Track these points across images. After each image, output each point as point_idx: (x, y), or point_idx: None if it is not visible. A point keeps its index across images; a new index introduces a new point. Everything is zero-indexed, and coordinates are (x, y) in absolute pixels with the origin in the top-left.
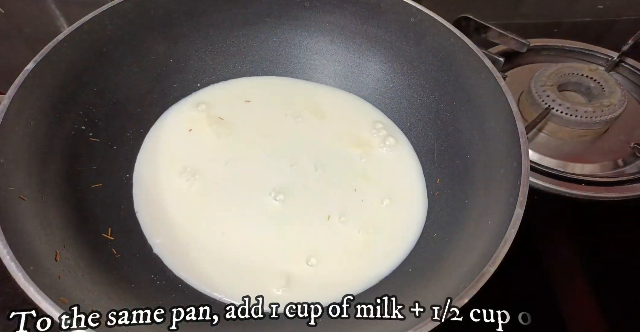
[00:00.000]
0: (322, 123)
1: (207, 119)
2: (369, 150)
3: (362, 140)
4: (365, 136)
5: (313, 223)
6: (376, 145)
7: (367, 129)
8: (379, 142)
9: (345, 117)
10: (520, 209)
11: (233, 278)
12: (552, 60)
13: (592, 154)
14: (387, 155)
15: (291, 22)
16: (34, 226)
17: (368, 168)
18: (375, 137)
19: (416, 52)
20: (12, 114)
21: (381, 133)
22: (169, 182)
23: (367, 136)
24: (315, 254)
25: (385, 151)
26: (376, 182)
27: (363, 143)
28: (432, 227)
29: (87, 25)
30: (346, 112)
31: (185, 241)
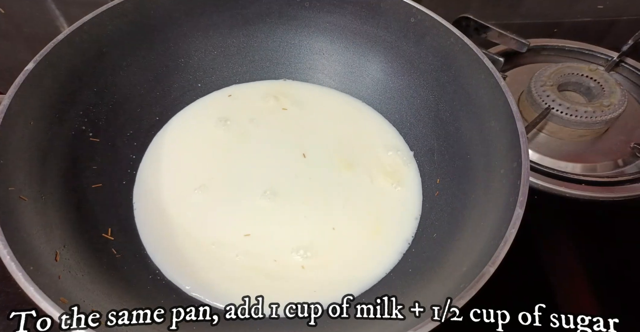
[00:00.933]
0: (319, 122)
1: (211, 125)
2: (367, 150)
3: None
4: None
5: (310, 222)
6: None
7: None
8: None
9: (345, 119)
10: (520, 209)
11: (229, 282)
12: (552, 60)
13: (592, 154)
14: (384, 154)
15: (291, 22)
16: (34, 226)
17: (365, 166)
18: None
19: (416, 52)
20: (12, 114)
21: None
22: (172, 190)
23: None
24: (313, 253)
25: (382, 152)
26: (373, 179)
27: (361, 142)
28: (432, 227)
29: (87, 25)
30: (346, 116)
31: (182, 246)
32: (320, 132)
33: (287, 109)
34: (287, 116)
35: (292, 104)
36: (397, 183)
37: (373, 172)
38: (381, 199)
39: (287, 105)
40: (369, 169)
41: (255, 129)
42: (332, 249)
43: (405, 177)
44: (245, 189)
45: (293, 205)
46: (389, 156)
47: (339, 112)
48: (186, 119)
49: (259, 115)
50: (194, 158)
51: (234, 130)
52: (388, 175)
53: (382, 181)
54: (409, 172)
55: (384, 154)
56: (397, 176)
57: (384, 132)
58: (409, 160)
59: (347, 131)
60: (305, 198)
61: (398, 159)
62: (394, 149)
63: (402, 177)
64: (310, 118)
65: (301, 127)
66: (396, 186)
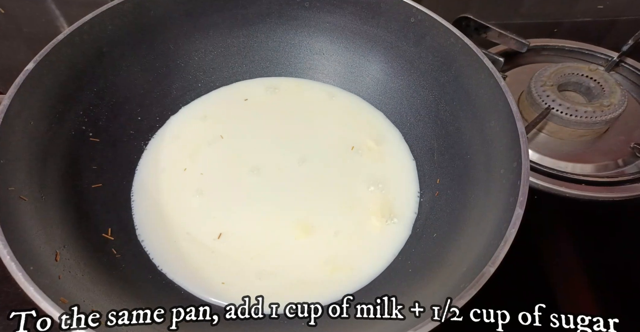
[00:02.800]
0: (321, 124)
1: (211, 125)
2: (364, 150)
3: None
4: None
5: (310, 221)
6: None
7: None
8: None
9: (345, 117)
10: (520, 209)
11: (229, 282)
12: (552, 60)
13: (592, 154)
14: (380, 153)
15: (291, 22)
16: (34, 226)
17: (363, 166)
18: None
19: (416, 52)
20: (12, 114)
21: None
22: (171, 189)
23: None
24: (314, 252)
25: (378, 149)
26: (370, 177)
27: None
28: (432, 227)
29: (87, 25)
30: (346, 113)
31: (182, 245)
32: (321, 133)
33: (288, 108)
34: (287, 116)
35: (293, 102)
36: (396, 181)
37: (373, 172)
38: (380, 199)
39: (288, 104)
40: (368, 169)
41: (256, 129)
42: (332, 249)
43: (403, 176)
44: (245, 188)
45: (293, 204)
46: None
47: (341, 112)
48: (186, 119)
49: (259, 115)
50: (194, 158)
51: (234, 130)
52: (385, 175)
53: (379, 180)
54: (408, 171)
55: (381, 154)
56: (394, 174)
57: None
58: (407, 159)
59: (348, 131)
60: (306, 197)
61: (397, 159)
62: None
63: (400, 175)
64: (311, 118)
65: (302, 127)
66: (394, 184)
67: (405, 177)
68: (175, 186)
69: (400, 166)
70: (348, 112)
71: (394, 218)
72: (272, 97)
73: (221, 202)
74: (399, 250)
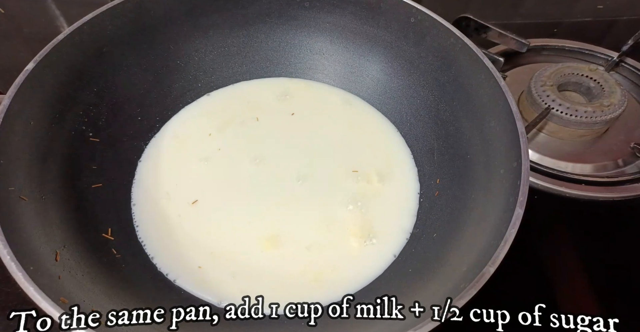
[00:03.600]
0: (320, 122)
1: (211, 125)
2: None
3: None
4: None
5: (311, 219)
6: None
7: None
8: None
9: (344, 116)
10: (520, 209)
11: (229, 282)
12: (552, 60)
13: (592, 154)
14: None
15: (291, 22)
16: (34, 226)
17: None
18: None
19: (416, 52)
20: (12, 114)
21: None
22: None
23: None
24: (314, 251)
25: (377, 146)
26: (369, 176)
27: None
28: (432, 227)
29: (87, 25)
30: (346, 112)
31: (182, 245)
32: (322, 133)
33: (288, 108)
34: (288, 115)
35: (293, 103)
36: (395, 180)
37: (372, 171)
38: (379, 198)
39: (289, 105)
40: (368, 168)
41: (256, 129)
42: (332, 248)
43: (401, 175)
44: (245, 188)
45: (293, 204)
46: (386, 155)
47: (342, 112)
48: (186, 119)
49: (259, 114)
50: (194, 158)
51: (234, 129)
52: (383, 174)
53: (380, 180)
54: (406, 170)
55: (382, 152)
56: (393, 173)
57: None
58: (405, 158)
59: (351, 133)
60: (306, 196)
61: (394, 158)
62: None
63: (398, 174)
64: (311, 117)
65: (302, 127)
66: (393, 183)
67: (405, 177)
68: (175, 186)
69: (400, 166)
70: (357, 118)
71: (374, 239)
72: (272, 98)
73: (222, 201)
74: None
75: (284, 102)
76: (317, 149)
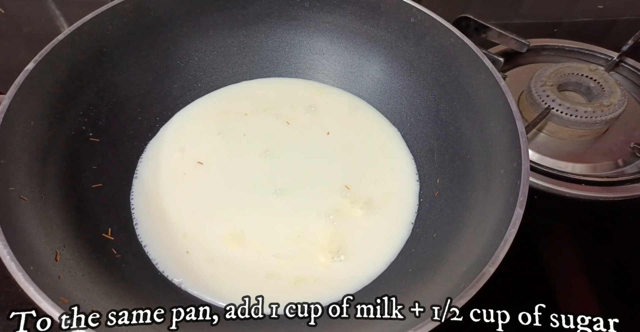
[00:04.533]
0: (320, 122)
1: (211, 125)
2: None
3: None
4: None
5: (311, 220)
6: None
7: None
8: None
9: (343, 116)
10: (520, 209)
11: (229, 282)
12: (552, 60)
13: (592, 154)
14: (377, 150)
15: (291, 22)
16: (34, 226)
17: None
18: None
19: (416, 52)
20: (12, 114)
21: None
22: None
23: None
24: (314, 252)
25: (376, 145)
26: (369, 176)
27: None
28: (432, 227)
29: (87, 25)
30: (344, 111)
31: (182, 245)
32: (322, 133)
33: (288, 109)
34: (288, 116)
35: (293, 103)
36: (394, 179)
37: (371, 170)
38: (379, 197)
39: (289, 105)
40: (368, 168)
41: (256, 129)
42: (333, 248)
43: (401, 175)
44: (245, 188)
45: (294, 203)
46: (386, 155)
47: (342, 112)
48: (186, 119)
49: (259, 115)
50: (194, 158)
51: (234, 129)
52: (384, 173)
53: (379, 178)
54: (406, 169)
55: (381, 152)
56: (393, 172)
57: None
58: (405, 158)
59: (350, 133)
60: (306, 196)
61: (394, 158)
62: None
63: (398, 173)
64: (311, 118)
65: (302, 127)
66: (393, 182)
67: (405, 177)
68: (175, 186)
69: (399, 166)
70: (356, 118)
71: (342, 255)
72: (272, 98)
73: (222, 201)
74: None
75: (285, 102)
76: (316, 150)
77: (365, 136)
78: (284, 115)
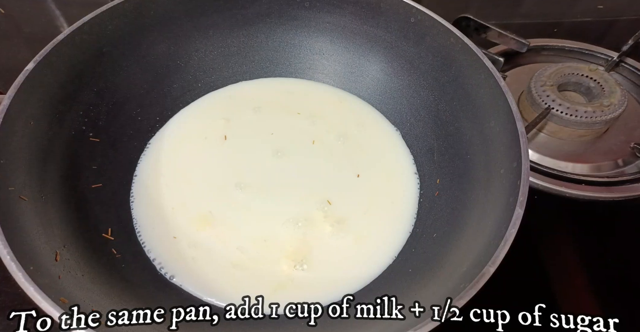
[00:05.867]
0: (319, 123)
1: (211, 125)
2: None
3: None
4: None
5: (311, 219)
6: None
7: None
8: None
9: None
10: (520, 209)
11: (229, 282)
12: (552, 60)
13: (592, 154)
14: (377, 150)
15: (291, 22)
16: (34, 226)
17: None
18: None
19: (416, 52)
20: (12, 114)
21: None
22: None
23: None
24: (313, 251)
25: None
26: (368, 176)
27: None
28: (432, 227)
29: (87, 25)
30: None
31: (182, 245)
32: (321, 134)
33: (289, 109)
34: (288, 116)
35: (293, 103)
36: (394, 178)
37: (371, 170)
38: (378, 196)
39: (289, 105)
40: (368, 167)
41: (256, 129)
42: (332, 248)
43: (402, 174)
44: (245, 188)
45: (294, 203)
46: (385, 155)
47: (342, 112)
48: (186, 119)
49: (259, 115)
50: (194, 158)
51: (234, 130)
52: (386, 172)
53: (379, 178)
54: (406, 169)
55: (381, 153)
56: (393, 172)
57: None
58: (405, 158)
59: (350, 133)
60: (307, 196)
61: (394, 158)
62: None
63: (398, 173)
64: (311, 118)
65: (302, 127)
66: (393, 182)
67: (405, 177)
68: (175, 186)
69: (399, 166)
70: (356, 118)
71: (305, 264)
72: (272, 98)
73: (222, 201)
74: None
75: (284, 103)
76: (316, 150)
77: (365, 136)
78: (283, 115)
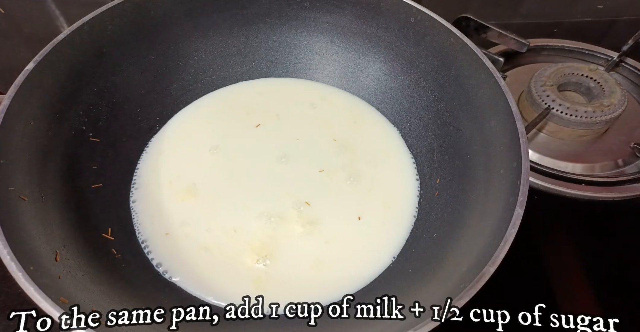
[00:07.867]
0: (319, 123)
1: (211, 126)
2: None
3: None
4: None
5: (311, 218)
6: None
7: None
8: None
9: (342, 115)
10: (520, 209)
11: (229, 282)
12: (552, 60)
13: (592, 154)
14: (377, 149)
15: (291, 22)
16: (34, 226)
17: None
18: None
19: (416, 52)
20: (12, 114)
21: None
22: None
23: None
24: (314, 251)
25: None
26: (368, 176)
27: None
28: (432, 227)
29: (87, 25)
30: (344, 111)
31: (182, 245)
32: (321, 134)
33: (288, 109)
34: (287, 116)
35: (293, 103)
36: (394, 178)
37: (371, 170)
38: (378, 197)
39: (289, 105)
40: (368, 167)
41: (256, 129)
42: (333, 247)
43: (401, 174)
44: (245, 188)
45: (294, 203)
46: (386, 155)
47: (341, 112)
48: (186, 119)
49: (259, 115)
50: (194, 158)
51: (234, 130)
52: (386, 172)
53: (379, 178)
54: (406, 169)
55: (381, 153)
56: (393, 172)
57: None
58: (404, 158)
59: (349, 133)
60: (306, 196)
61: (394, 157)
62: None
63: (398, 173)
64: (310, 118)
65: (302, 127)
66: (393, 182)
67: (405, 177)
68: (175, 186)
69: (399, 166)
70: (356, 118)
71: (267, 260)
72: (272, 98)
73: (222, 201)
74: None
75: (284, 103)
76: (315, 150)
77: (365, 136)
78: (283, 115)
